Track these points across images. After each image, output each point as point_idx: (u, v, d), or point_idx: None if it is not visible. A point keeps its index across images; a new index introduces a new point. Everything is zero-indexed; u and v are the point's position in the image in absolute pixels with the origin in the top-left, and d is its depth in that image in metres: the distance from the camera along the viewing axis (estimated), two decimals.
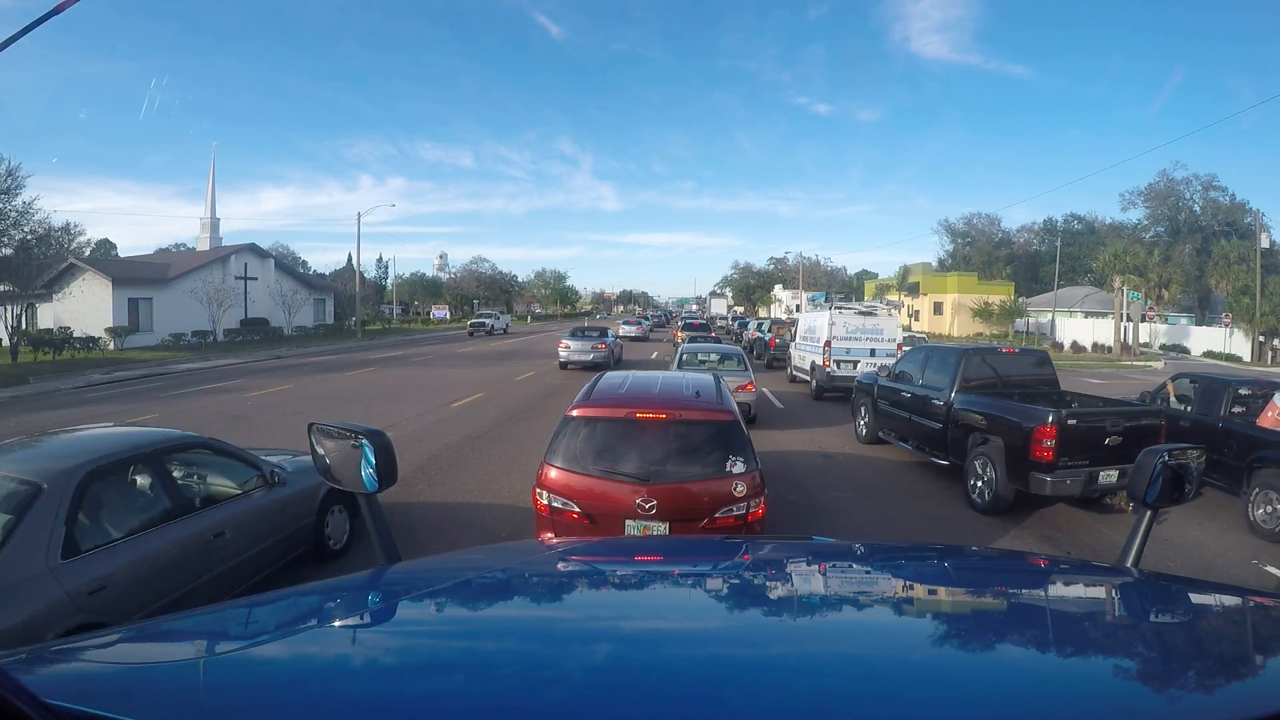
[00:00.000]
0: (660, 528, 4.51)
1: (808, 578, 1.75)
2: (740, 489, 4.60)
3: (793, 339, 20.48)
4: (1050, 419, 7.10)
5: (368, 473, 1.74)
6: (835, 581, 1.71)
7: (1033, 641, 1.27)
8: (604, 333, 24.59)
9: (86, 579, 3.59)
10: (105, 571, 3.71)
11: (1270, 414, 7.62)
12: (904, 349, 14.41)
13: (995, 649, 1.23)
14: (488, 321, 49.21)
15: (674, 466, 4.68)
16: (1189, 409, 8.69)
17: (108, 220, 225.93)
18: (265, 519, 5.02)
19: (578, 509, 4.61)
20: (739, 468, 4.67)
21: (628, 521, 4.53)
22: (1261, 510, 7.20)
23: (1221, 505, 7.71)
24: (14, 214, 25.86)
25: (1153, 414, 7.83)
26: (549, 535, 4.55)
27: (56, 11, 9.49)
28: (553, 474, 4.71)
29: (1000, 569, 1.95)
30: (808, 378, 17.69)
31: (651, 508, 4.49)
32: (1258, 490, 7.27)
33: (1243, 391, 8.32)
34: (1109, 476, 7.21)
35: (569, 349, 22.45)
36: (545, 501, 4.68)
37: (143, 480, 4.32)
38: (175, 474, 4.59)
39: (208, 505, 4.62)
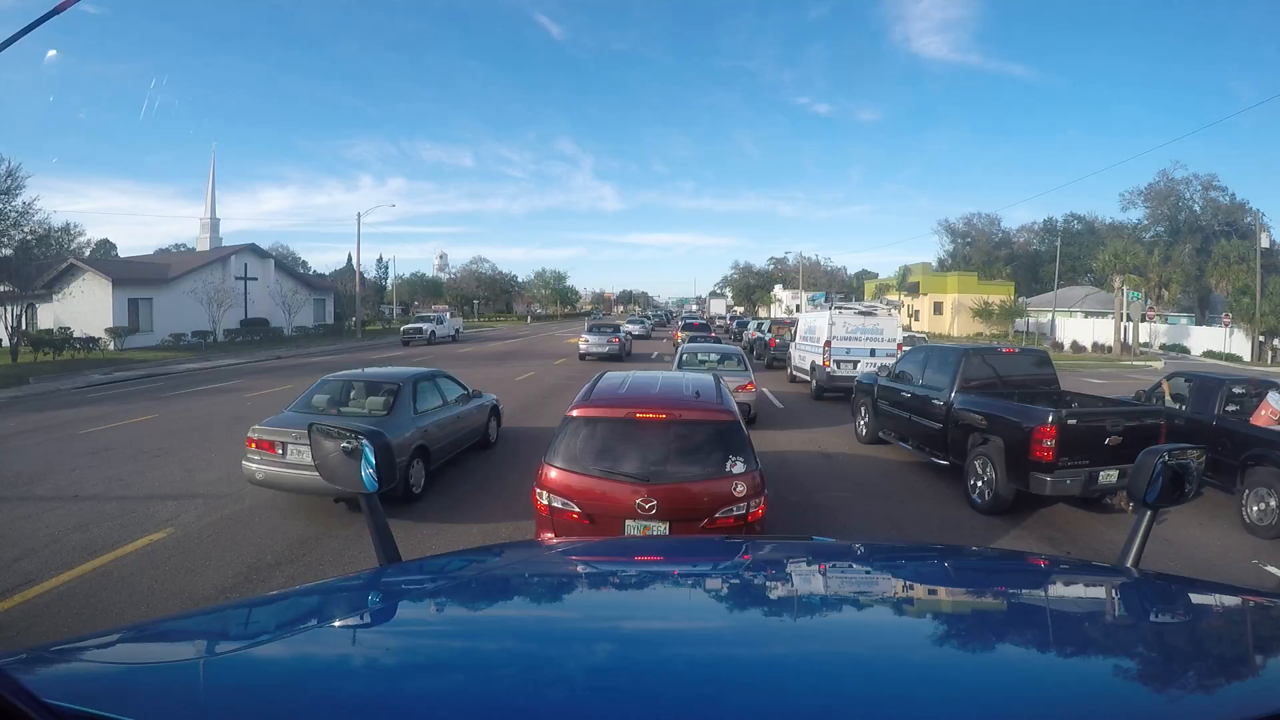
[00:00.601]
0: (660, 528, 4.51)
1: (808, 578, 1.75)
2: (740, 489, 4.61)
3: (793, 339, 20.55)
4: (1050, 419, 7.10)
5: (367, 473, 1.75)
6: (835, 581, 1.71)
7: (1033, 642, 1.26)
8: (617, 329, 29.75)
9: (421, 425, 7.98)
10: (426, 424, 8.11)
11: (1264, 412, 7.72)
12: (904, 349, 14.53)
13: (995, 649, 1.23)
14: (426, 326, 37.56)
15: (674, 466, 4.69)
16: (1184, 408, 8.76)
17: (108, 220, 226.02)
18: (470, 415, 9.67)
19: (578, 509, 4.61)
20: (739, 468, 4.68)
21: (628, 522, 4.54)
22: (1255, 508, 7.30)
23: (1221, 505, 7.72)
24: (14, 214, 25.85)
25: (1153, 414, 7.84)
26: (549, 535, 4.58)
27: (57, 11, 9.50)
28: (553, 474, 4.72)
29: (1000, 569, 1.95)
30: (808, 378, 17.72)
31: (651, 508, 4.50)
32: (1251, 488, 7.36)
33: (1237, 390, 8.41)
34: (1109, 476, 7.21)
35: (588, 342, 26.39)
36: (545, 501, 4.69)
37: (430, 386, 8.89)
38: (440, 386, 9.18)
39: (451, 402, 9.20)
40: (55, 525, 6.60)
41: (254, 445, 7.08)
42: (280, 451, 6.92)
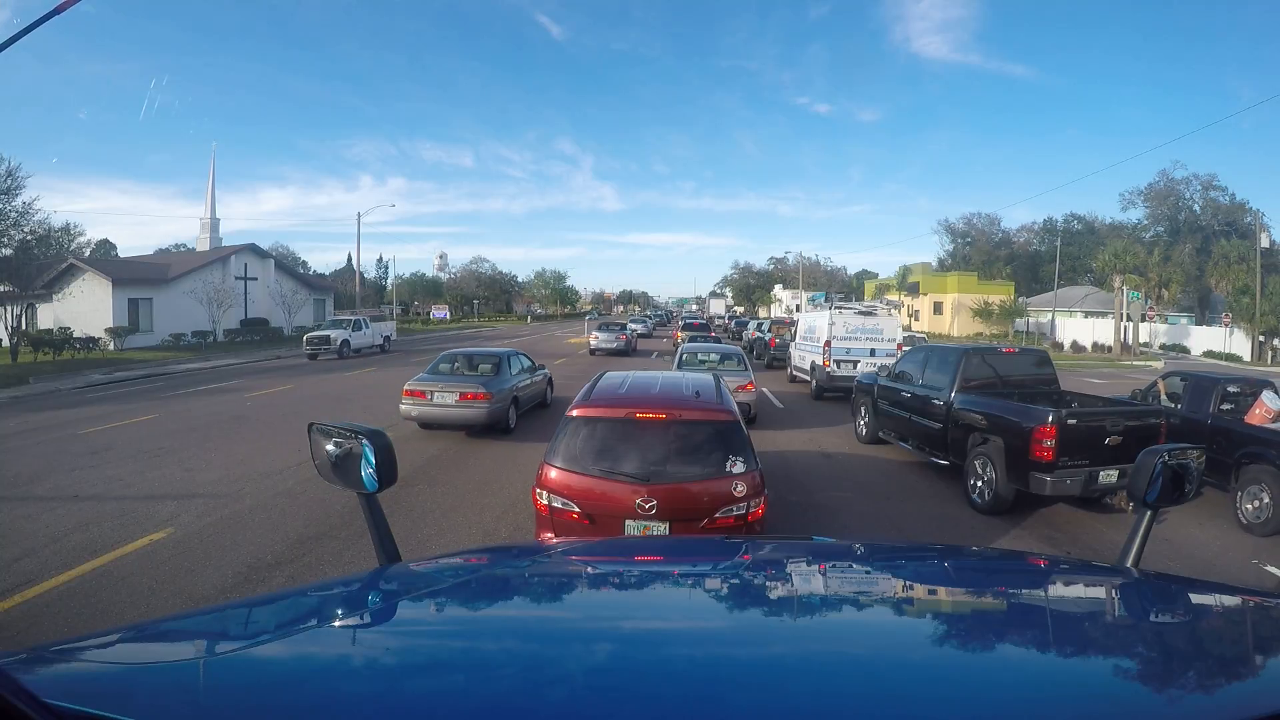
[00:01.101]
0: (660, 528, 4.50)
1: (808, 578, 1.75)
2: (740, 489, 4.60)
3: (793, 339, 20.60)
4: (1050, 419, 7.10)
5: (367, 473, 1.74)
6: (835, 581, 1.71)
7: (1033, 642, 1.26)
8: (624, 327, 33.19)
9: (515, 384, 11.84)
10: (516, 383, 11.98)
11: (1258, 411, 7.82)
12: (904, 349, 14.58)
13: (995, 649, 1.23)
14: (337, 335, 27.65)
15: (674, 466, 4.68)
16: (1179, 407, 8.82)
17: (108, 220, 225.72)
18: (538, 382, 13.49)
19: (578, 509, 4.60)
20: (739, 468, 4.67)
21: (628, 522, 4.53)
22: (1249, 505, 7.39)
23: (1220, 504, 7.73)
24: (14, 214, 25.87)
25: (1153, 414, 7.83)
26: (549, 535, 4.59)
27: (57, 11, 9.49)
28: (553, 474, 4.71)
29: (1000, 569, 1.95)
30: (808, 378, 17.75)
31: (651, 508, 4.49)
32: (1245, 486, 7.46)
33: (1231, 389, 8.50)
34: (1109, 476, 7.21)
35: (598, 339, 29.49)
36: (545, 501, 4.68)
37: (517, 359, 12.79)
38: (521, 360, 12.89)
39: (527, 370, 12.90)
40: (55, 525, 6.59)
41: (408, 394, 10.90)
42: (427, 397, 10.78)
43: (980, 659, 1.16)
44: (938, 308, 54.47)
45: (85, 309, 31.07)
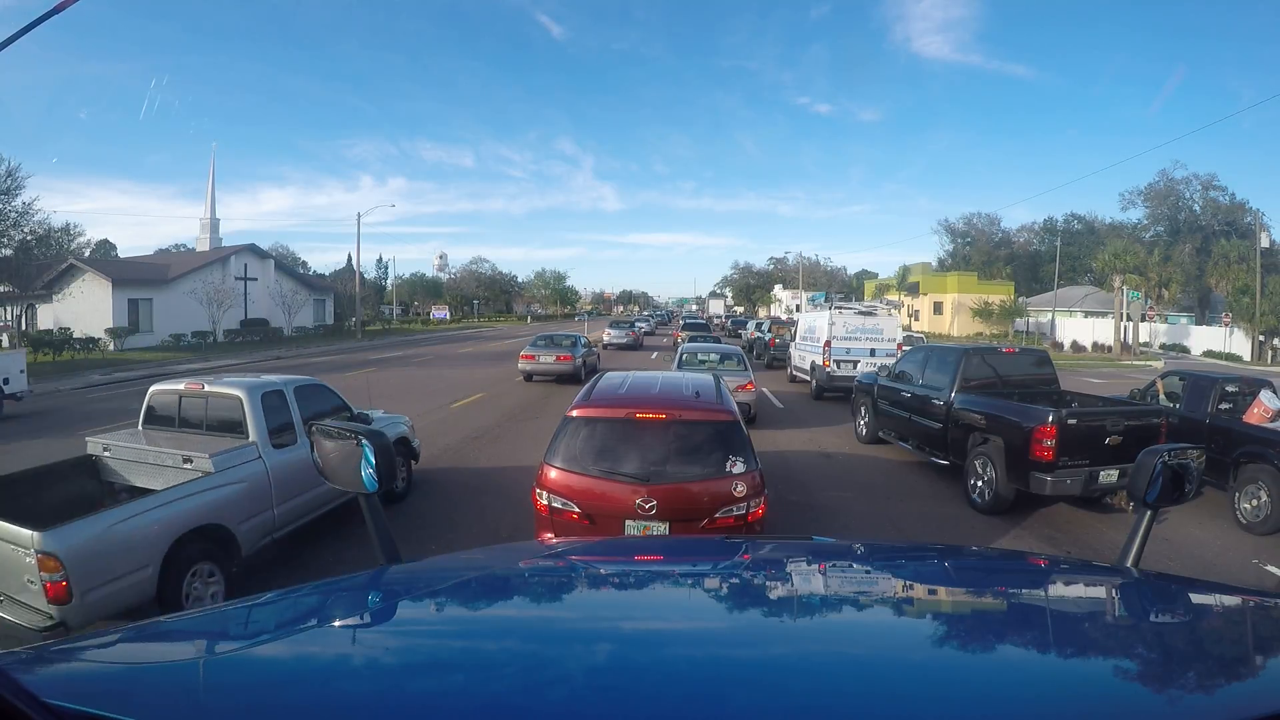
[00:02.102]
0: (660, 528, 4.49)
1: (808, 578, 1.75)
2: (740, 489, 4.59)
3: (792, 339, 20.65)
4: (1050, 419, 7.10)
5: (368, 473, 1.76)
6: (835, 582, 1.71)
7: (1032, 642, 1.26)
8: (633, 324, 37.39)
9: (587, 354, 20.02)
10: (588, 354, 20.16)
11: (1256, 410, 7.86)
12: (904, 348, 14.68)
13: (995, 649, 1.23)
14: None
15: (674, 467, 4.66)
16: (1178, 406, 8.84)
17: (108, 221, 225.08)
18: (594, 354, 21.31)
19: (578, 509, 4.58)
20: (739, 468, 4.65)
21: (628, 522, 4.51)
22: (1247, 504, 7.43)
23: (1220, 504, 7.72)
24: (14, 215, 25.88)
25: (1153, 413, 7.84)
26: (549, 535, 4.55)
27: (56, 11, 9.49)
28: (553, 474, 4.69)
29: (1000, 569, 1.95)
30: (808, 378, 17.80)
31: (651, 508, 4.47)
32: (1243, 485, 7.50)
33: (1229, 389, 8.54)
34: (1109, 476, 7.20)
35: (610, 335, 32.37)
36: (545, 502, 4.66)
37: (576, 337, 20.77)
38: (580, 340, 20.64)
39: (583, 345, 20.13)
40: None
41: (524, 358, 18.43)
42: (536, 359, 18.29)
43: (979, 659, 1.16)
44: (938, 307, 54.46)
45: (85, 309, 31.07)
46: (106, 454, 5.77)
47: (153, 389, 6.35)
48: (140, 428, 6.24)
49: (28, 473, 5.42)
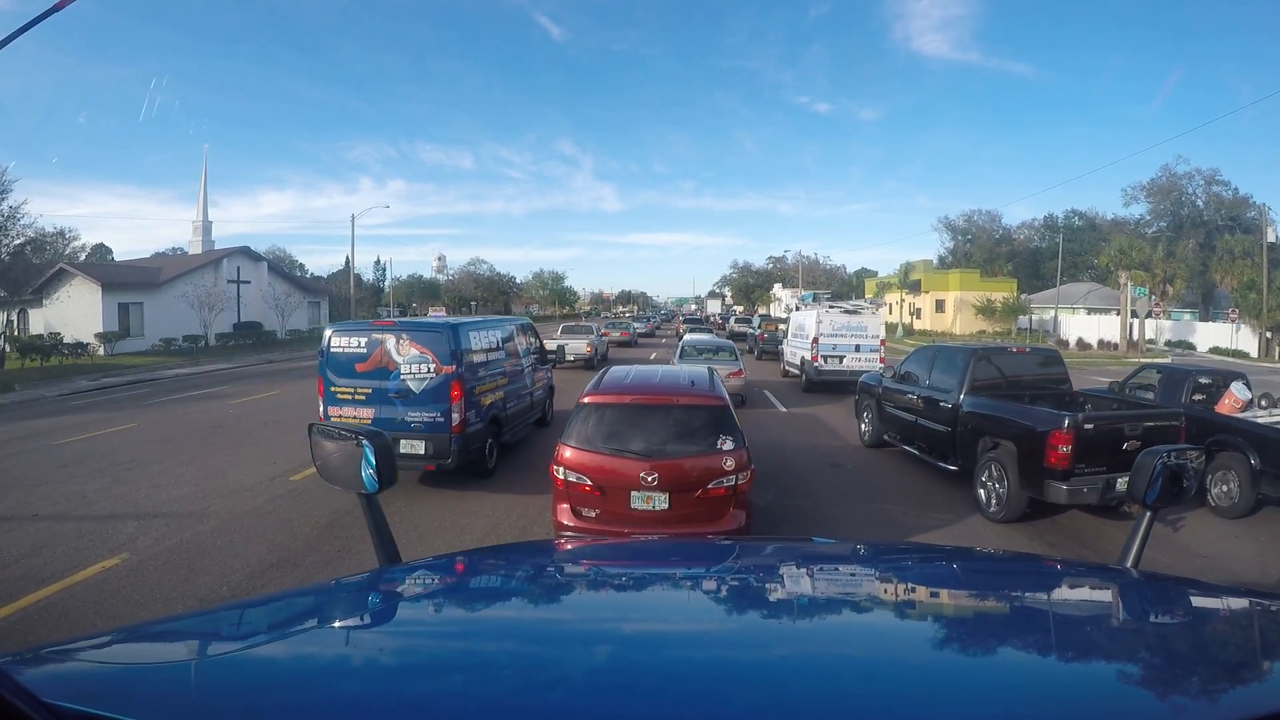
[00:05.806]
0: (661, 497, 5.16)
1: (808, 579, 1.73)
2: (730, 463, 5.25)
3: (784, 336, 22.28)
4: (1066, 424, 6.67)
5: (367, 473, 1.74)
6: (836, 583, 1.70)
7: (1033, 643, 1.25)
8: (629, 325, 39.49)
9: (631, 329, 37.92)
10: (630, 328, 37.89)
11: (1227, 401, 8.27)
12: (885, 344, 16.59)
13: (995, 650, 1.22)
14: None
15: (673, 445, 5.31)
16: (1154, 397, 9.11)
17: (106, 225, 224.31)
18: (605, 343, 27.28)
19: (590, 482, 5.25)
20: (729, 445, 5.32)
21: (633, 492, 5.16)
22: (1217, 489, 7.75)
23: (1221, 505, 7.68)
24: (0, 218, 25.46)
25: (1172, 414, 7.42)
26: (564, 505, 5.34)
27: (55, 10, 9.15)
28: (568, 453, 5.36)
29: (1000, 570, 1.93)
30: (798, 372, 18.75)
31: (654, 480, 5.12)
32: (1215, 471, 7.78)
33: (1203, 380, 8.93)
34: (1126, 484, 6.78)
35: (609, 335, 33.84)
36: (561, 476, 5.32)
37: (625, 323, 40.73)
38: (597, 330, 27.17)
39: (598, 336, 25.96)
40: (6, 549, 6.17)
41: (606, 334, 28.85)
42: (609, 333, 31.13)
43: (980, 660, 1.15)
44: (939, 305, 53.93)
45: (75, 314, 30.62)
46: None
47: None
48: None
49: None
